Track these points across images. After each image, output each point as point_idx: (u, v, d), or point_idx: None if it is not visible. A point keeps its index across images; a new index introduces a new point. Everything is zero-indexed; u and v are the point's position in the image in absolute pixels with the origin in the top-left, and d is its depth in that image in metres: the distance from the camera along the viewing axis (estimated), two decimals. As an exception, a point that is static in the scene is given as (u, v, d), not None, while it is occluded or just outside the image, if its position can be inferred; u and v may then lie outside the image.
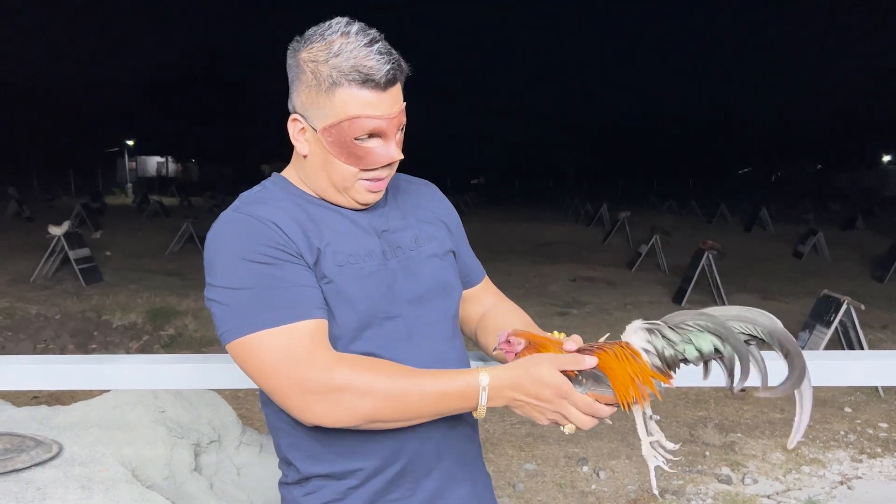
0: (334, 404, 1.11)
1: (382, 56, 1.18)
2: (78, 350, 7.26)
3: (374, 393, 1.11)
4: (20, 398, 4.55)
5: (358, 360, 1.15)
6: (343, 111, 1.20)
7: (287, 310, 1.15)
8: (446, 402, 1.15)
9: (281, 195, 1.30)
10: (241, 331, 1.15)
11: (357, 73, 1.17)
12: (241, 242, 1.18)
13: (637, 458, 4.64)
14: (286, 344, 1.13)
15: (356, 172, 1.25)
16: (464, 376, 1.15)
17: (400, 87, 1.25)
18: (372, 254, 1.28)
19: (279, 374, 1.13)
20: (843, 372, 1.63)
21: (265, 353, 1.13)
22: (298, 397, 1.12)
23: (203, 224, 15.17)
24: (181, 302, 9.08)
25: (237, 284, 1.16)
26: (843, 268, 13.18)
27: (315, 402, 1.11)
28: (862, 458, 4.67)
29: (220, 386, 1.60)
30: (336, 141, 1.22)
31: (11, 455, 2.75)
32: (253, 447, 3.70)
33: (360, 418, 1.13)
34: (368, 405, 1.12)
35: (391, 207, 1.38)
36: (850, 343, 6.11)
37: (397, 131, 1.26)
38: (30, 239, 14.16)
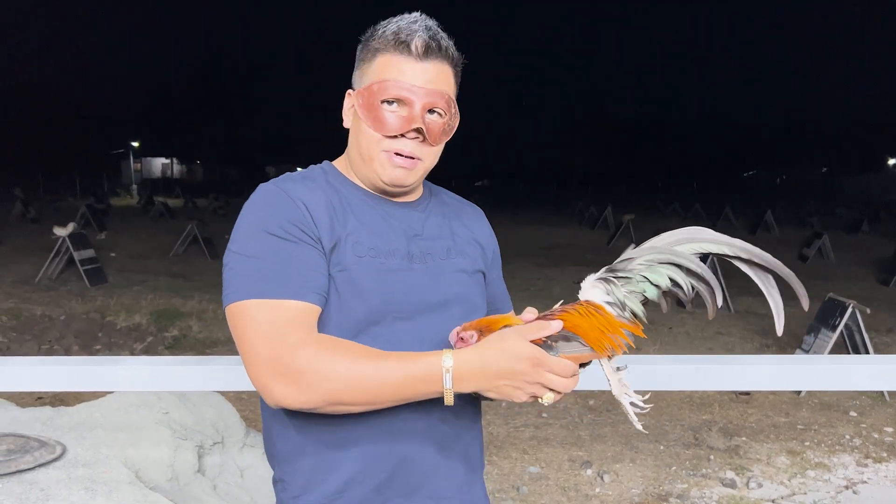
0: (294, 385, 1.10)
1: (424, 30, 1.25)
2: (82, 351, 7.28)
3: (334, 375, 1.10)
4: (24, 399, 4.55)
5: (324, 341, 1.14)
6: (377, 74, 1.26)
7: (282, 285, 1.16)
8: (409, 386, 1.11)
9: (321, 179, 1.33)
10: (236, 296, 1.17)
11: (395, 39, 1.24)
12: (265, 213, 1.22)
13: (641, 461, 4.63)
14: (268, 318, 1.14)
15: (379, 139, 1.26)
16: (427, 358, 1.11)
17: (447, 72, 1.28)
18: (395, 252, 1.28)
19: (254, 346, 1.14)
20: (848, 376, 1.63)
21: (248, 323, 1.15)
22: (264, 374, 1.12)
23: (207, 226, 15.20)
24: (185, 303, 9.10)
25: (248, 252, 1.19)
26: (849, 271, 13.15)
27: (277, 381, 1.11)
28: (867, 463, 4.65)
29: (223, 388, 1.60)
30: (365, 103, 1.26)
31: (15, 456, 2.75)
32: (256, 449, 3.70)
33: (319, 401, 1.11)
34: (327, 387, 1.10)
35: (431, 214, 1.38)
36: (856, 347, 6.09)
37: (428, 111, 1.26)
38: (35, 240, 14.21)
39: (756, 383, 1.70)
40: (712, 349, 7.35)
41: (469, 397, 1.38)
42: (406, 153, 1.27)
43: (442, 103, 1.27)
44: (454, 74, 1.30)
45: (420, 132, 1.25)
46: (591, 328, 1.15)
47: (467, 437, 1.38)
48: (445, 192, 1.50)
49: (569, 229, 21.18)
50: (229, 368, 1.70)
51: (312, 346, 1.12)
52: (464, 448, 1.37)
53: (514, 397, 1.12)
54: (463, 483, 1.36)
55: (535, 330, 1.11)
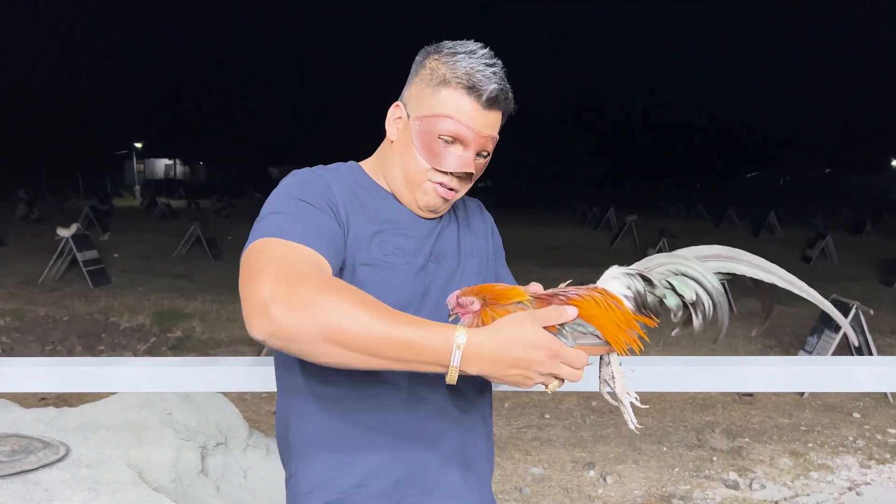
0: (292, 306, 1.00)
1: (495, 76, 1.27)
2: (85, 352, 7.29)
3: (338, 308, 1.00)
4: (28, 399, 4.56)
5: (337, 280, 1.09)
6: (441, 107, 1.27)
7: (303, 233, 1.15)
8: (415, 350, 1.01)
9: (350, 176, 1.35)
10: (256, 236, 1.15)
11: (467, 78, 1.25)
12: (296, 185, 1.25)
13: (644, 462, 4.63)
14: (284, 252, 1.10)
15: (428, 170, 1.29)
16: (440, 328, 1.03)
17: (499, 118, 1.32)
18: (419, 252, 1.32)
19: (263, 268, 1.06)
20: (852, 378, 1.63)
21: (262, 253, 1.10)
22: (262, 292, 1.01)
23: (210, 227, 15.22)
24: (188, 304, 9.11)
25: (277, 209, 1.20)
26: (852, 272, 13.13)
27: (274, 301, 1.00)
28: (871, 464, 4.65)
29: (228, 389, 1.61)
30: (423, 131, 1.28)
31: (19, 456, 2.76)
32: (259, 450, 3.70)
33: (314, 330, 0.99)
34: (327, 318, 0.99)
35: (445, 217, 1.42)
36: (859, 348, 6.08)
37: (478, 154, 1.31)
38: (38, 241, 14.22)
39: (759, 385, 1.70)
40: (715, 350, 7.34)
41: (478, 387, 1.39)
42: (450, 187, 1.31)
43: (490, 146, 1.32)
44: (503, 120, 1.35)
45: (469, 174, 1.30)
46: (609, 321, 1.12)
47: (481, 440, 1.41)
48: None
49: (571, 230, 21.16)
50: (233, 369, 1.71)
51: (323, 278, 1.06)
52: (478, 450, 1.40)
53: (520, 385, 1.07)
54: (474, 485, 1.39)
55: (553, 316, 1.07)
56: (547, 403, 5.69)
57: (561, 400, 5.75)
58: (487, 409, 1.45)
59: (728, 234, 20.06)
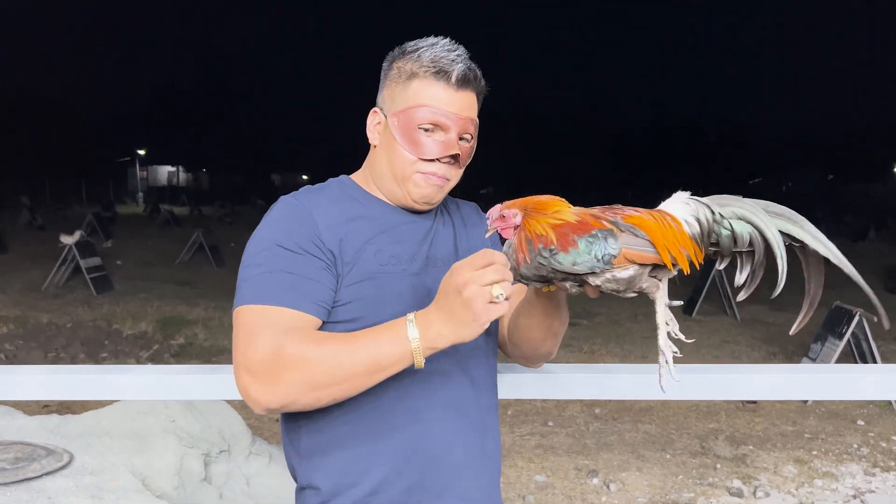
0: (268, 379, 1.10)
1: (460, 58, 1.30)
2: (89, 359, 7.29)
3: (303, 358, 1.09)
4: (31, 407, 4.56)
5: (292, 332, 1.15)
6: (414, 98, 1.30)
7: (278, 293, 1.19)
8: (379, 348, 1.09)
9: (339, 191, 1.37)
10: (238, 302, 1.21)
11: (433, 65, 1.29)
12: (278, 226, 1.27)
13: (648, 469, 4.62)
14: (256, 321, 1.16)
15: (414, 161, 1.31)
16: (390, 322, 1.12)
17: (474, 100, 1.35)
18: (416, 257, 1.33)
19: (237, 347, 1.16)
20: (856, 385, 1.63)
21: (240, 326, 1.18)
22: (243, 379, 1.13)
23: (213, 234, 15.24)
24: (191, 311, 9.11)
25: (256, 262, 1.23)
26: (855, 279, 13.10)
27: (252, 380, 1.11)
28: (875, 472, 4.63)
29: (231, 397, 1.61)
30: (402, 125, 1.30)
31: (23, 464, 2.76)
32: (262, 457, 3.70)
33: (297, 388, 1.10)
34: (298, 378, 1.09)
35: (440, 220, 1.44)
36: (863, 355, 6.07)
37: (460, 137, 1.32)
38: (42, 248, 14.25)
39: (763, 392, 1.69)
40: (719, 357, 7.34)
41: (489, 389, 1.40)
42: (440, 174, 1.32)
43: (472, 129, 1.34)
44: (478, 102, 1.37)
45: (455, 157, 1.32)
46: (663, 235, 1.09)
47: (491, 442, 1.40)
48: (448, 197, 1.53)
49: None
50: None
51: (281, 338, 1.13)
52: (488, 451, 1.40)
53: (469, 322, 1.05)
54: (486, 485, 1.39)
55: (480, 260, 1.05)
56: (550, 411, 5.68)
57: (564, 407, 5.74)
58: (496, 412, 1.45)
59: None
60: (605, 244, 1.08)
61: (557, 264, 1.09)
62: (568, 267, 1.09)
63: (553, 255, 1.09)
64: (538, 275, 1.14)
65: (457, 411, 1.32)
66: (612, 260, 1.08)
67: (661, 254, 1.09)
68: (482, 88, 1.36)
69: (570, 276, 1.11)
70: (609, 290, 1.12)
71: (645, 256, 1.09)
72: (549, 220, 1.11)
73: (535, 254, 1.11)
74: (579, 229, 1.09)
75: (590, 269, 1.09)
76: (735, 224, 1.13)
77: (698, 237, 1.12)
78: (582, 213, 1.13)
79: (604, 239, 1.08)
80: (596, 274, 1.09)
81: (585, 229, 1.09)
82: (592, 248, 1.08)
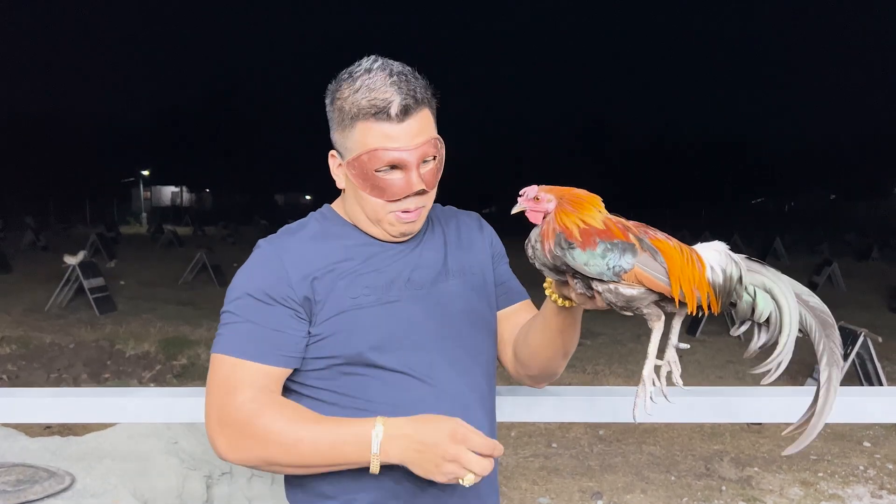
0: (234, 442, 1.18)
1: (399, 88, 1.22)
2: (91, 379, 7.27)
3: (268, 438, 1.16)
4: (33, 428, 4.54)
5: (268, 403, 1.20)
6: (362, 144, 1.24)
7: (248, 347, 1.23)
8: (340, 449, 1.15)
9: (317, 229, 1.35)
10: (214, 349, 1.26)
11: (371, 107, 1.21)
12: (251, 276, 1.29)
13: (653, 492, 4.58)
14: (227, 374, 1.22)
15: (384, 204, 1.28)
16: (359, 423, 1.16)
17: (426, 117, 1.27)
18: (392, 284, 1.31)
19: (209, 395, 1.23)
20: (863, 408, 1.62)
21: (213, 374, 1.24)
22: (212, 426, 1.20)
23: (216, 254, 15.25)
24: (194, 331, 9.10)
25: (233, 310, 1.27)
26: (859, 299, 13.06)
27: (220, 434, 1.19)
28: (882, 494, 4.59)
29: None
30: (359, 174, 1.27)
31: (24, 486, 2.75)
32: (265, 479, 3.68)
33: (255, 460, 1.18)
34: (262, 450, 1.16)
35: (428, 237, 1.41)
36: (868, 376, 6.04)
37: (421, 162, 1.27)
38: (45, 268, 14.28)
39: (768, 415, 1.68)
40: (723, 378, 7.30)
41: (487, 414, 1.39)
42: (413, 209, 1.29)
43: (432, 150, 1.28)
44: (432, 112, 1.30)
45: (422, 191, 1.28)
46: (682, 270, 1.07)
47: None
48: (438, 207, 1.50)
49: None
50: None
51: (256, 405, 1.18)
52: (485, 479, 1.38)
53: (431, 474, 1.13)
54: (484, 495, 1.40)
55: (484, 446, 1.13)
56: (554, 432, 5.65)
57: (568, 429, 5.71)
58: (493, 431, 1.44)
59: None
60: (621, 256, 1.08)
61: (571, 259, 1.10)
62: (579, 265, 1.09)
63: (570, 248, 1.10)
64: (553, 265, 1.14)
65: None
66: (623, 274, 1.08)
67: (672, 286, 1.08)
68: (431, 100, 1.29)
69: (578, 274, 1.12)
70: (608, 300, 1.11)
71: (654, 283, 1.08)
72: (579, 217, 1.11)
73: (555, 243, 1.11)
74: (604, 234, 1.09)
75: (598, 275, 1.09)
76: (759, 295, 1.10)
77: (718, 288, 1.09)
78: (612, 220, 1.13)
79: (622, 251, 1.08)
80: (602, 281, 1.09)
81: (609, 236, 1.09)
82: (607, 256, 1.08)
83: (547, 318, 1.32)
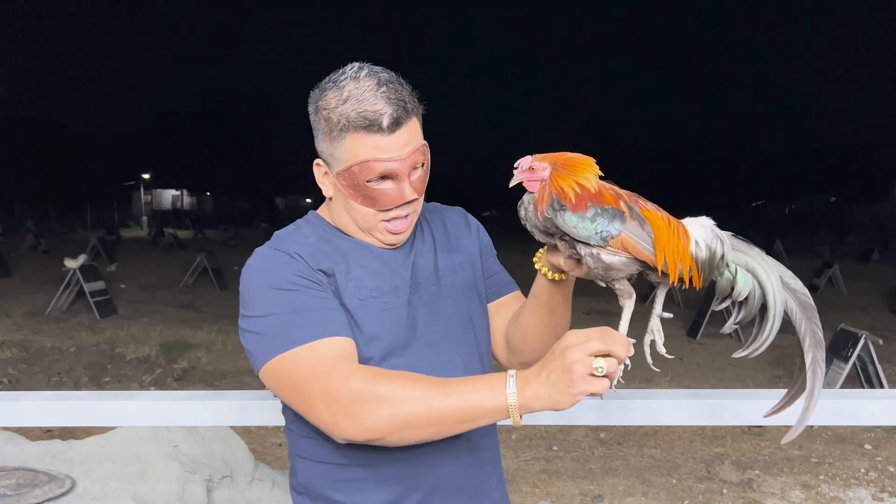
0: (358, 413, 1.07)
1: (389, 99, 1.21)
2: (92, 383, 7.27)
3: (394, 394, 1.07)
4: (34, 432, 4.54)
5: (379, 370, 1.14)
6: (353, 156, 1.23)
7: (311, 329, 1.17)
8: (474, 396, 1.06)
9: (310, 232, 1.34)
10: (270, 354, 1.17)
11: (362, 119, 1.20)
12: (268, 273, 1.23)
13: (654, 495, 4.58)
14: (312, 359, 1.14)
15: (375, 213, 1.27)
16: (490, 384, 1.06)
17: (414, 125, 1.26)
18: (397, 289, 1.31)
19: (307, 388, 1.12)
20: (864, 411, 1.61)
21: (294, 371, 1.14)
22: (325, 410, 1.10)
23: (217, 257, 15.25)
24: (194, 335, 9.10)
25: (265, 312, 1.20)
26: (860, 301, 13.06)
27: (340, 412, 1.08)
28: (883, 497, 4.58)
29: (236, 423, 1.60)
30: (350, 184, 1.25)
31: (25, 490, 2.74)
32: (265, 483, 3.68)
33: (386, 424, 1.07)
34: (393, 409, 1.06)
35: (418, 240, 1.40)
36: (869, 378, 6.03)
37: (412, 171, 1.26)
38: (46, 272, 14.28)
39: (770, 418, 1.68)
40: (723, 380, 7.29)
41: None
42: (404, 215, 1.29)
43: (420, 157, 1.28)
44: (419, 119, 1.29)
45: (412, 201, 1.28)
46: (668, 242, 1.07)
47: (489, 468, 1.39)
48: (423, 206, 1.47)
49: (577, 259, 21.12)
50: (240, 403, 1.70)
51: (368, 372, 1.12)
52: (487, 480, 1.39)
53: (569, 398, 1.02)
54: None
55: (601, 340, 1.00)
56: (555, 435, 5.64)
57: (569, 432, 5.70)
58: (497, 448, 1.44)
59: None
60: (609, 222, 1.08)
61: (561, 221, 1.10)
62: (568, 227, 1.10)
63: (562, 210, 1.10)
64: (545, 228, 1.15)
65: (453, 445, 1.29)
66: (610, 240, 1.08)
67: (657, 256, 1.08)
68: (418, 106, 1.28)
69: (566, 236, 1.12)
70: (588, 266, 1.11)
71: (640, 251, 1.08)
72: (574, 180, 1.11)
73: (548, 205, 1.12)
74: (595, 198, 1.10)
75: (585, 238, 1.09)
76: (740, 273, 1.11)
77: (700, 262, 1.09)
78: (606, 186, 1.13)
79: (611, 217, 1.08)
80: (588, 245, 1.10)
81: (600, 201, 1.09)
82: (597, 221, 1.08)
83: (538, 295, 1.32)
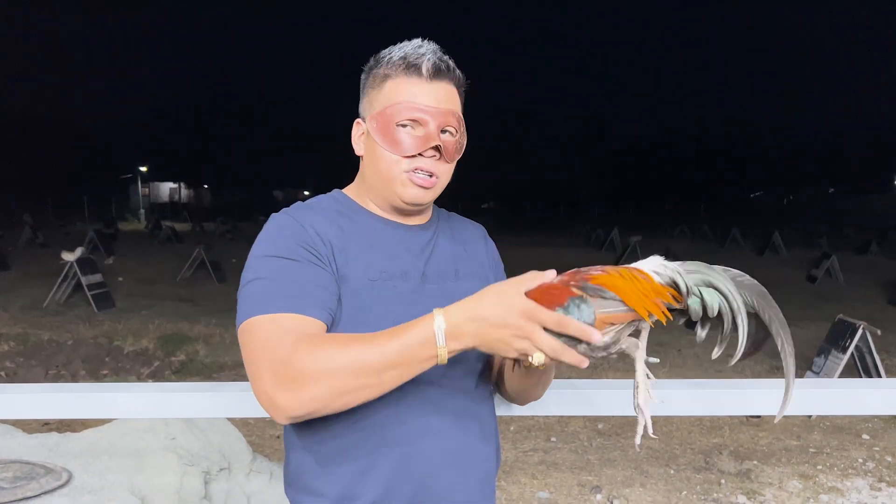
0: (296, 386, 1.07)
1: (434, 53, 1.30)
2: (89, 376, 7.27)
3: (331, 367, 1.07)
4: (30, 424, 4.54)
5: (313, 337, 1.13)
6: (389, 98, 1.29)
7: (284, 301, 1.17)
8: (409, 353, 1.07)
9: (330, 206, 1.36)
10: (242, 316, 1.19)
11: (403, 62, 1.29)
12: (272, 240, 1.26)
13: (652, 485, 4.58)
14: (267, 330, 1.14)
15: (398, 160, 1.29)
16: (418, 323, 1.08)
17: (454, 93, 1.33)
18: (408, 274, 1.31)
19: (254, 360, 1.13)
20: (862, 400, 1.61)
21: (250, 338, 1.16)
22: (266, 385, 1.09)
23: (214, 250, 15.24)
24: (192, 328, 9.10)
25: (257, 276, 1.22)
26: (858, 292, 13.08)
27: (279, 389, 1.08)
28: (881, 487, 4.59)
29: (232, 415, 1.59)
30: (380, 126, 1.29)
31: (21, 483, 2.74)
32: (263, 475, 3.67)
33: (325, 396, 1.08)
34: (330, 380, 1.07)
35: (440, 236, 1.42)
36: (867, 368, 6.04)
37: (442, 130, 1.30)
38: (43, 265, 14.25)
39: (767, 407, 1.68)
40: (721, 371, 7.30)
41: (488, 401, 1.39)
42: (425, 169, 1.30)
43: (454, 122, 1.32)
44: (460, 95, 1.35)
45: (438, 149, 1.30)
46: (633, 290, 1.07)
47: (483, 456, 1.38)
48: (450, 213, 1.54)
49: (576, 251, 21.15)
50: (238, 395, 1.70)
51: (303, 344, 1.10)
52: (483, 469, 1.37)
53: (502, 352, 1.06)
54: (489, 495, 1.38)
55: (529, 280, 1.06)
56: (553, 426, 5.65)
57: (567, 423, 5.71)
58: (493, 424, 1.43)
59: (733, 254, 20.01)
60: (579, 313, 1.05)
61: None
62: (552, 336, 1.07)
63: None
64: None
65: (448, 429, 1.30)
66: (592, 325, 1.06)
67: (636, 308, 1.07)
68: (461, 81, 1.34)
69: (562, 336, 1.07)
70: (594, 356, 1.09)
71: (620, 316, 1.07)
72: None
73: None
74: (555, 301, 1.06)
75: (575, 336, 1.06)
76: (705, 292, 1.11)
77: (671, 282, 1.10)
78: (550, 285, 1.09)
79: (577, 307, 1.05)
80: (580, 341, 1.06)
81: (559, 300, 1.06)
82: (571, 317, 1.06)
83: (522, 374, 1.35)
